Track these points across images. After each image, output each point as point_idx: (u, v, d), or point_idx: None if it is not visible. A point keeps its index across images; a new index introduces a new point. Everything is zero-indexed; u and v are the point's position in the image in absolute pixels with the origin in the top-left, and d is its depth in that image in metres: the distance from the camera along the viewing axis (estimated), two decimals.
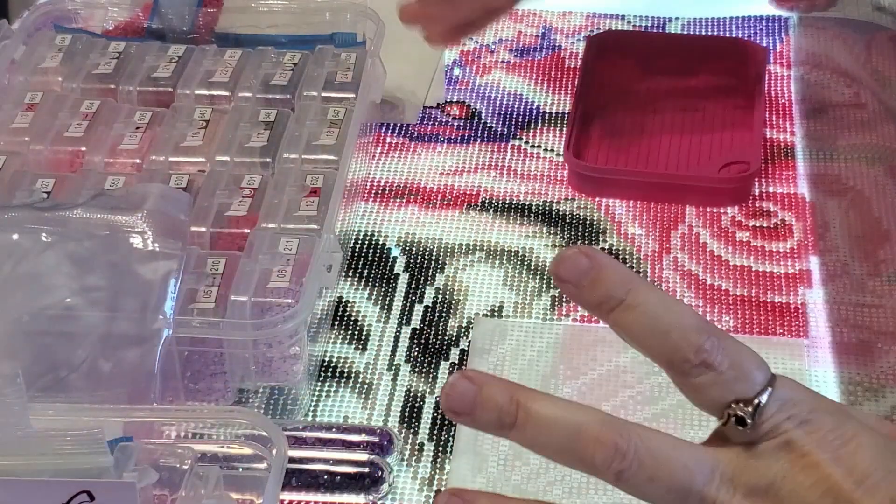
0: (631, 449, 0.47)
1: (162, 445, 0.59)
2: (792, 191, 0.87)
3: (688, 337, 0.48)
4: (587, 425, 0.48)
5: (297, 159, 0.80)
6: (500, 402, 0.48)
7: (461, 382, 0.49)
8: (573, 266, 0.49)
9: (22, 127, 0.82)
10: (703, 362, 0.47)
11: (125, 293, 0.68)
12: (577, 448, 0.48)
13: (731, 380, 0.48)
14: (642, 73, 0.97)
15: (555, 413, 0.48)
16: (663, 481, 0.47)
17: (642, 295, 0.48)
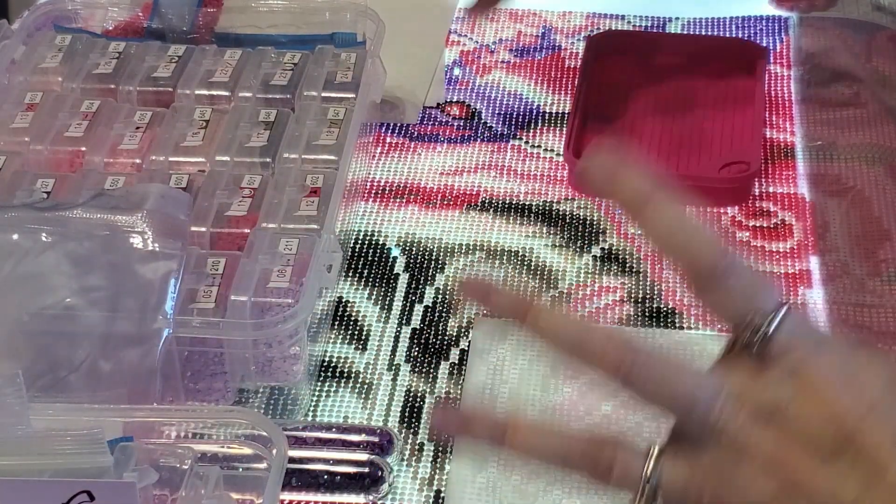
0: (643, 349, 0.48)
1: (162, 445, 0.59)
2: (792, 191, 0.87)
3: (715, 243, 0.49)
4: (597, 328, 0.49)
5: (297, 159, 0.80)
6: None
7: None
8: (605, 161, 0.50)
9: (22, 127, 0.82)
10: (730, 267, 0.48)
11: (125, 293, 0.68)
12: (589, 341, 0.49)
13: (753, 290, 0.49)
14: (642, 73, 0.97)
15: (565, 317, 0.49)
16: (671, 384, 0.48)
17: (670, 197, 0.49)
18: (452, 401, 0.73)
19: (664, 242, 0.50)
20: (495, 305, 0.50)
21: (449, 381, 0.74)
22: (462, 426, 0.50)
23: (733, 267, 0.48)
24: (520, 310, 0.49)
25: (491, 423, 0.50)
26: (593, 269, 0.81)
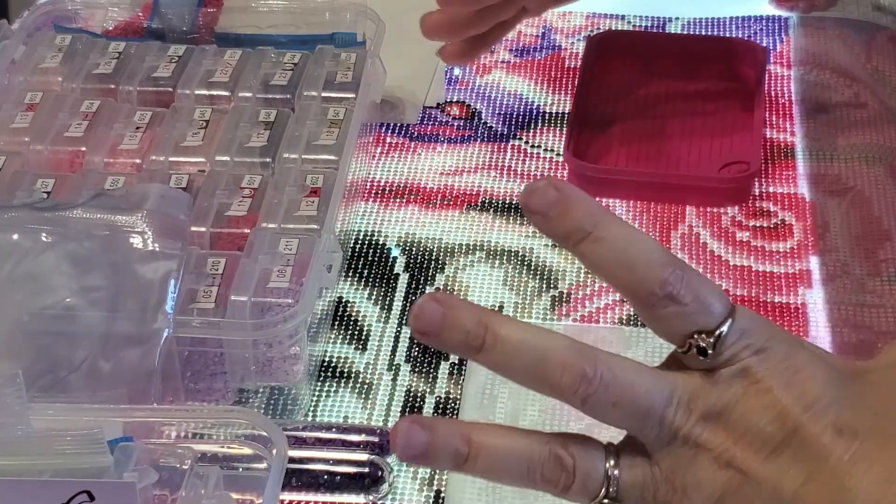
0: (597, 375, 0.49)
1: (162, 445, 0.60)
2: (792, 191, 0.87)
3: (653, 270, 0.49)
4: (555, 350, 0.50)
5: (297, 159, 0.80)
6: (468, 324, 0.50)
7: (429, 304, 0.50)
8: (542, 198, 0.50)
9: (22, 127, 0.82)
10: (667, 295, 0.49)
11: (125, 293, 0.68)
12: (544, 372, 0.50)
13: (693, 312, 0.50)
14: (642, 73, 0.97)
15: (523, 337, 0.50)
16: (626, 406, 0.50)
17: (609, 228, 0.50)
18: (453, 400, 0.73)
19: (605, 276, 0.50)
20: (446, 343, 0.50)
21: (449, 381, 0.74)
22: (426, 452, 0.51)
23: (673, 293, 0.49)
24: (472, 345, 0.50)
25: (452, 447, 0.50)
26: None
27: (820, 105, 0.95)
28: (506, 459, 0.51)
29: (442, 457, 0.51)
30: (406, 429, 0.50)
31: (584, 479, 0.50)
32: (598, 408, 0.50)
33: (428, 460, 0.51)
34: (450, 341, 0.50)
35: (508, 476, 0.51)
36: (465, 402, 0.72)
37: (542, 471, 0.50)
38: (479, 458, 0.50)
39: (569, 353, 0.49)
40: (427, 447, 0.50)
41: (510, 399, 0.72)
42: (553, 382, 0.49)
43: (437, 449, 0.50)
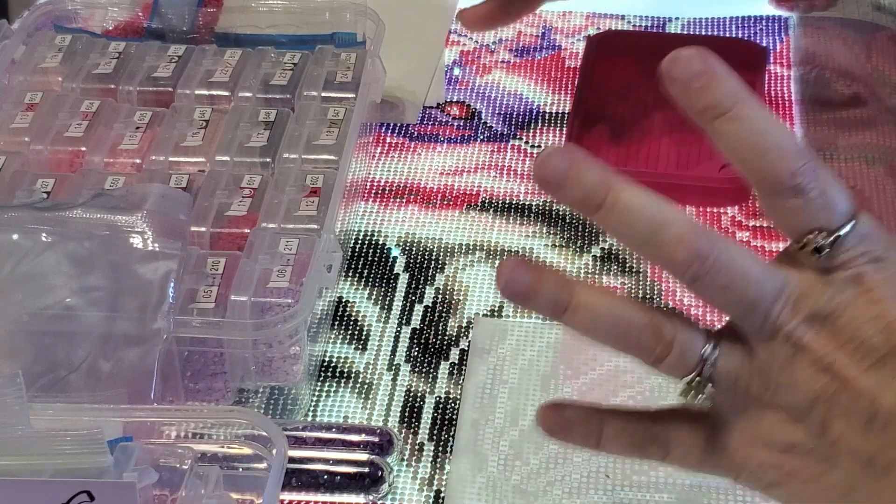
0: (712, 255, 0.48)
1: (162, 445, 0.59)
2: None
3: (785, 159, 0.48)
4: (673, 222, 0.49)
5: (297, 159, 0.80)
6: (592, 181, 0.49)
7: (556, 154, 0.49)
8: (686, 66, 0.49)
9: (22, 127, 0.82)
10: (795, 187, 0.48)
11: (125, 293, 0.68)
12: (659, 242, 0.49)
13: (817, 208, 0.49)
14: (642, 73, 0.97)
15: (643, 202, 0.49)
16: (735, 292, 0.49)
17: (748, 109, 0.49)
18: (453, 400, 0.73)
19: (736, 157, 0.49)
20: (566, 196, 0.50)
21: (449, 381, 0.74)
22: (528, 292, 0.50)
23: (801, 185, 0.48)
24: (591, 203, 0.49)
25: (554, 293, 0.50)
26: (593, 269, 0.81)
27: (820, 105, 0.95)
28: (606, 318, 0.50)
29: (542, 301, 0.50)
30: (512, 266, 0.50)
31: (680, 354, 0.50)
32: (708, 288, 0.49)
33: (528, 301, 0.50)
34: (571, 195, 0.49)
35: (605, 335, 0.50)
36: (465, 402, 0.72)
37: (639, 336, 0.50)
38: (579, 312, 0.50)
39: (687, 228, 0.49)
40: (530, 288, 0.50)
41: (510, 399, 0.72)
42: (667, 255, 0.49)
43: (539, 292, 0.50)
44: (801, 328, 0.49)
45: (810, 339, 0.49)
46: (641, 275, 0.81)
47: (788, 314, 0.49)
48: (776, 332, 0.49)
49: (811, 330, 0.49)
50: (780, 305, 0.49)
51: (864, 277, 0.49)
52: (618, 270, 0.81)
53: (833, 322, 0.48)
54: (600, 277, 0.81)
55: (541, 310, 0.51)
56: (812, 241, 0.49)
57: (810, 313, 0.49)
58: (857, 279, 0.49)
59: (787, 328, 0.49)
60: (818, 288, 0.49)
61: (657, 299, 0.79)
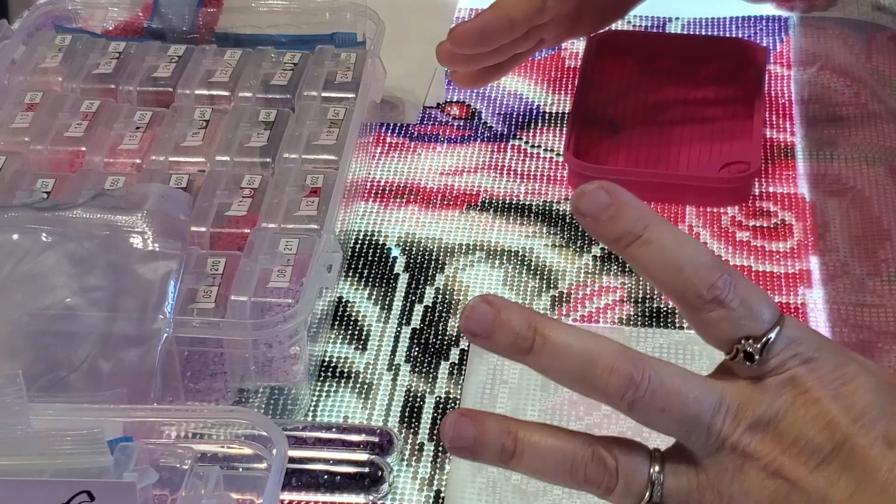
0: (645, 380, 0.49)
1: (162, 445, 0.59)
2: (792, 191, 0.87)
3: (701, 273, 0.50)
4: (603, 354, 0.50)
5: (297, 159, 0.80)
6: (518, 326, 0.50)
7: (480, 305, 0.50)
8: (593, 201, 0.50)
9: (22, 127, 0.82)
10: (714, 299, 0.49)
11: (125, 293, 0.68)
12: (591, 376, 0.50)
13: (741, 317, 0.50)
14: (642, 73, 0.97)
15: (571, 340, 0.50)
16: (674, 412, 0.50)
17: (658, 231, 0.50)
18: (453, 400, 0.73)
19: (654, 279, 0.51)
20: (495, 345, 0.51)
21: (449, 381, 0.74)
22: (474, 445, 0.51)
23: (721, 297, 0.49)
24: (521, 347, 0.50)
25: (499, 442, 0.51)
26: (593, 269, 0.81)
27: (820, 105, 0.95)
28: (550, 458, 0.51)
29: (488, 451, 0.51)
30: (455, 421, 0.51)
31: (628, 482, 0.51)
32: (646, 413, 0.50)
33: (475, 454, 0.52)
34: (499, 343, 0.50)
35: (551, 475, 0.51)
36: (465, 402, 0.72)
37: (585, 471, 0.51)
38: (525, 456, 0.51)
39: (616, 358, 0.50)
40: (475, 441, 0.51)
41: (510, 399, 0.72)
42: (600, 386, 0.50)
43: (485, 443, 0.51)
44: (745, 437, 0.50)
45: (755, 447, 0.49)
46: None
47: (730, 425, 0.50)
48: (721, 444, 0.50)
49: (755, 437, 0.50)
50: (720, 418, 0.50)
51: (798, 379, 0.50)
52: (618, 270, 0.81)
53: (775, 427, 0.49)
54: (600, 277, 0.81)
55: (489, 461, 0.52)
56: (741, 349, 0.50)
57: (752, 421, 0.50)
58: (792, 381, 0.50)
59: (731, 439, 0.50)
60: (755, 395, 0.50)
61: (657, 299, 0.79)
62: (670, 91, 0.95)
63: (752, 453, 0.49)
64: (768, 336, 0.50)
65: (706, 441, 0.50)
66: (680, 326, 0.77)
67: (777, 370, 0.50)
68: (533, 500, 0.66)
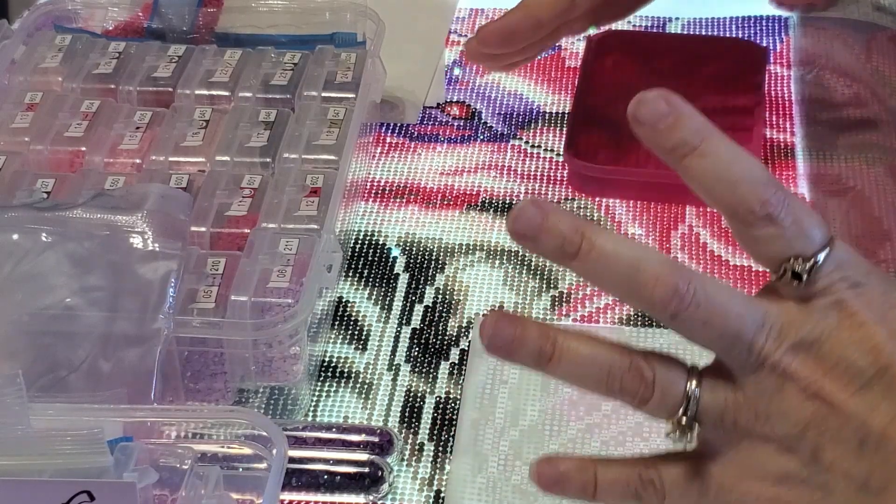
0: (690, 291, 0.49)
1: (162, 445, 0.60)
2: (792, 191, 0.87)
3: (755, 189, 0.50)
4: (649, 263, 0.49)
5: (297, 159, 0.80)
6: (565, 230, 0.50)
7: (529, 207, 0.50)
8: (652, 109, 0.51)
9: (22, 127, 0.82)
10: (767, 216, 0.49)
11: (125, 293, 0.68)
12: (637, 284, 0.49)
13: (792, 236, 0.49)
14: (642, 73, 0.97)
15: (618, 248, 0.50)
16: (716, 326, 0.49)
17: (715, 144, 0.50)
18: (453, 400, 0.73)
19: (707, 192, 0.50)
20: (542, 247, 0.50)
21: (449, 381, 0.74)
22: (512, 345, 0.51)
23: (773, 214, 0.49)
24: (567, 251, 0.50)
25: (537, 345, 0.51)
26: None
27: (820, 105, 0.95)
28: (587, 364, 0.51)
29: (526, 352, 0.51)
30: (495, 321, 0.51)
31: (663, 394, 0.50)
32: (688, 325, 0.49)
33: (512, 354, 0.51)
34: (546, 245, 0.50)
35: (587, 381, 0.51)
36: (465, 402, 0.72)
37: (621, 380, 0.50)
38: (563, 361, 0.51)
39: (663, 267, 0.49)
40: (513, 340, 0.51)
41: (510, 399, 0.72)
42: (645, 295, 0.49)
43: (523, 345, 0.51)
44: (787, 357, 0.49)
45: (797, 368, 0.49)
46: None
47: (773, 344, 0.49)
48: (761, 363, 0.49)
49: (797, 358, 0.49)
50: (763, 336, 0.49)
51: (846, 302, 0.49)
52: None
53: (818, 349, 0.49)
54: None
55: (525, 362, 0.52)
56: (790, 269, 0.49)
57: (795, 342, 0.49)
58: (839, 304, 0.49)
59: (772, 358, 0.49)
60: (800, 316, 0.49)
61: None
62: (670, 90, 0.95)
63: (792, 374, 0.49)
64: (817, 257, 0.49)
65: (746, 358, 0.49)
66: None
67: (824, 292, 0.49)
68: (533, 500, 0.66)
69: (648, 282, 0.49)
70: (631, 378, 0.50)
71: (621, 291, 0.50)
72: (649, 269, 0.49)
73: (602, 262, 0.50)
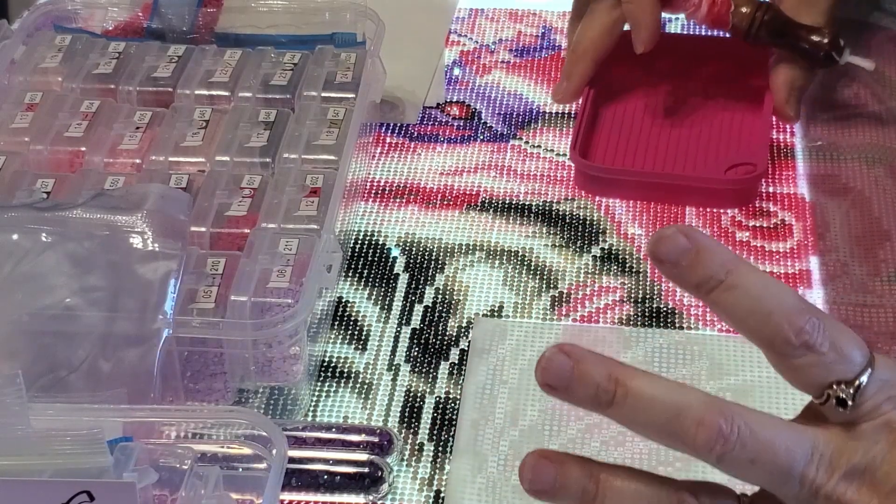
0: (734, 432, 0.48)
1: (162, 445, 0.59)
2: (792, 191, 0.87)
3: (789, 318, 0.48)
4: (689, 406, 0.48)
5: (297, 159, 0.80)
6: (598, 379, 0.49)
7: (558, 357, 0.49)
8: (672, 246, 0.49)
9: (22, 127, 0.82)
10: (804, 344, 0.48)
11: (125, 293, 0.68)
12: (678, 429, 0.48)
13: (831, 361, 0.48)
14: (644, 72, 0.97)
15: (655, 392, 0.48)
16: (765, 464, 0.48)
17: (742, 276, 0.49)
18: (453, 400, 0.73)
19: (740, 325, 0.49)
20: (575, 398, 0.49)
21: (449, 381, 0.74)
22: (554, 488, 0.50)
23: (810, 342, 0.48)
24: (602, 400, 0.49)
25: (580, 485, 0.50)
26: (593, 269, 0.81)
27: (820, 105, 0.95)
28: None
29: (569, 494, 0.50)
30: (535, 464, 0.50)
31: None
32: (735, 465, 0.48)
33: (555, 497, 0.50)
34: (579, 396, 0.49)
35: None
36: (465, 401, 0.72)
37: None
38: (607, 500, 0.49)
39: (704, 409, 0.48)
40: (555, 483, 0.50)
41: (510, 399, 0.72)
42: (688, 441, 0.48)
43: (565, 486, 0.50)
44: (841, 486, 0.48)
45: (851, 496, 0.48)
46: (641, 275, 0.81)
47: (825, 475, 0.48)
48: (815, 493, 0.48)
49: (851, 486, 0.48)
50: (813, 467, 0.48)
51: (894, 424, 0.48)
52: (618, 270, 0.81)
53: (872, 475, 0.48)
54: (600, 277, 0.81)
55: (568, 502, 0.50)
56: (833, 395, 0.48)
57: (847, 470, 0.48)
58: (887, 426, 0.48)
59: (825, 489, 0.48)
60: (850, 443, 0.48)
61: (657, 299, 0.79)
62: (674, 91, 0.95)
63: (848, 502, 0.48)
64: (860, 380, 0.48)
65: (799, 491, 0.48)
66: (680, 326, 0.77)
67: (871, 415, 0.48)
68: (533, 500, 0.66)
69: (690, 427, 0.48)
70: None
71: (662, 438, 0.49)
72: (690, 413, 0.48)
73: (640, 409, 0.48)
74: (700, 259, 0.49)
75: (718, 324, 0.77)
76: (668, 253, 0.49)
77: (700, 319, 0.77)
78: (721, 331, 0.76)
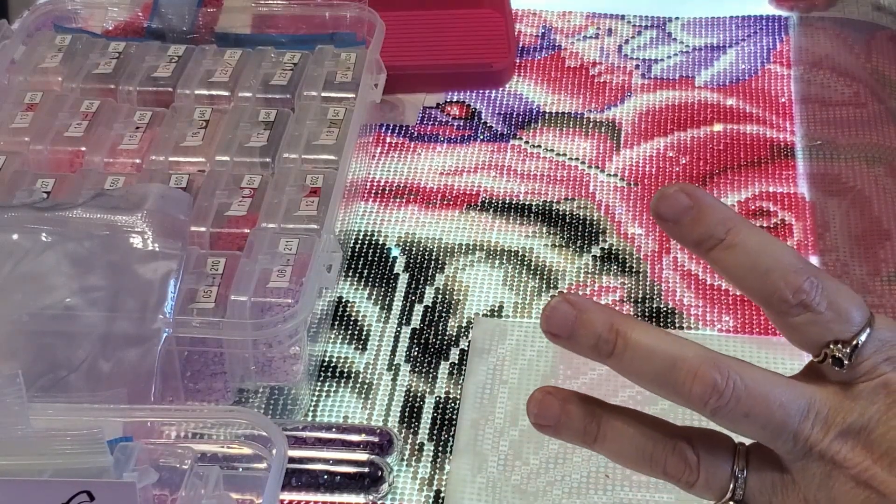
0: (729, 385, 0.48)
1: (162, 445, 0.59)
2: (792, 190, 0.87)
3: (787, 277, 0.48)
4: (686, 358, 0.49)
5: (297, 159, 0.80)
6: (600, 328, 0.49)
7: (562, 305, 0.50)
8: (674, 203, 0.49)
9: (22, 127, 0.82)
10: (801, 303, 0.48)
11: (125, 293, 0.68)
12: (673, 381, 0.49)
13: (829, 320, 0.48)
14: None
15: (653, 343, 0.49)
16: (759, 418, 0.48)
17: (742, 234, 0.49)
18: (453, 400, 0.73)
19: (738, 283, 0.50)
20: (577, 345, 0.51)
21: (449, 381, 0.74)
22: (557, 424, 0.51)
23: (808, 300, 0.48)
24: (603, 349, 0.50)
25: (582, 424, 0.51)
26: (593, 269, 0.81)
27: (820, 105, 0.95)
28: (630, 445, 0.50)
29: (571, 431, 0.51)
30: (541, 399, 0.51)
31: (708, 479, 0.50)
32: (730, 419, 0.49)
33: (557, 433, 0.51)
34: (580, 344, 0.50)
35: (632, 462, 0.51)
36: (465, 401, 0.72)
37: (665, 464, 0.50)
38: (607, 440, 0.50)
39: (700, 362, 0.48)
40: (559, 420, 0.51)
41: (510, 399, 0.72)
42: (682, 392, 0.49)
43: (568, 424, 0.51)
44: (836, 445, 0.48)
45: (846, 455, 0.48)
46: (641, 275, 0.81)
47: (819, 432, 0.48)
48: (809, 450, 0.49)
49: (846, 445, 0.48)
50: (809, 424, 0.48)
51: (892, 385, 0.48)
52: (617, 270, 0.81)
53: (867, 435, 0.48)
54: (600, 277, 0.81)
55: (572, 440, 0.52)
56: (830, 354, 0.48)
57: (843, 429, 0.48)
58: (885, 387, 0.48)
59: (820, 446, 0.48)
60: (846, 402, 0.48)
61: (657, 299, 0.79)
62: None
63: (841, 461, 0.48)
64: (858, 339, 0.48)
65: (793, 447, 0.49)
66: (680, 326, 0.77)
67: (869, 375, 0.48)
68: (533, 500, 0.66)
69: (686, 378, 0.48)
70: (675, 462, 0.50)
71: (658, 388, 0.49)
72: (686, 365, 0.48)
73: (638, 360, 0.49)
74: (701, 217, 0.49)
75: (718, 324, 0.77)
76: (670, 211, 0.49)
77: (700, 319, 0.77)
78: (721, 331, 0.76)
